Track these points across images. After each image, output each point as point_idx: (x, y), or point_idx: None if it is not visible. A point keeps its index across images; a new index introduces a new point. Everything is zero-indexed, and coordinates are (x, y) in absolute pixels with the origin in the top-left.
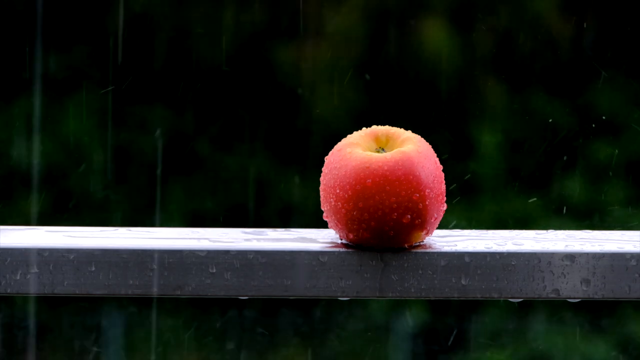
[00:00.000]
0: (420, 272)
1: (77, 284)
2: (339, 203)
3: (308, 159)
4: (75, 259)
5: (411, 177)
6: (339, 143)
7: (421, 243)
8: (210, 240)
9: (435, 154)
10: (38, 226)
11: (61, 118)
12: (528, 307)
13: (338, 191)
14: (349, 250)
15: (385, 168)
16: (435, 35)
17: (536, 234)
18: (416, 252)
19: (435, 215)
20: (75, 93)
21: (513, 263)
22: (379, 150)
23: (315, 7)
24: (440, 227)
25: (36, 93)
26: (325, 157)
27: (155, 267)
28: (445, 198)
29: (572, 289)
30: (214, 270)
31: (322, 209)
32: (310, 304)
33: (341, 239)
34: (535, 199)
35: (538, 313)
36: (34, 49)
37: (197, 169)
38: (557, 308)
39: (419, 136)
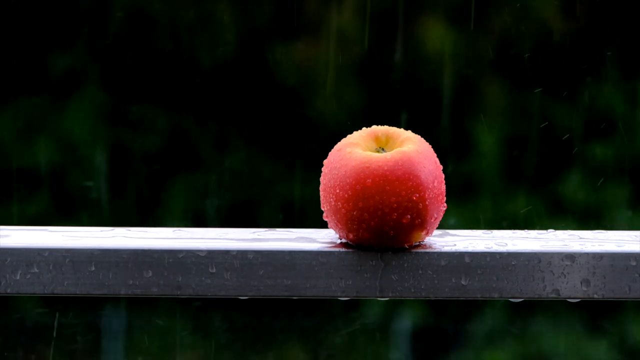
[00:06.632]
0: (420, 272)
1: (77, 284)
2: (339, 203)
3: (308, 158)
4: (75, 259)
5: (411, 177)
6: (339, 143)
7: (421, 243)
8: (210, 240)
9: (435, 154)
10: (38, 226)
11: (61, 117)
12: (528, 307)
13: (338, 191)
14: (349, 250)
15: (385, 168)
16: (435, 34)
17: (536, 234)
18: (416, 252)
19: (435, 215)
20: (76, 92)
21: (513, 263)
22: (378, 150)
23: (315, 6)
24: (440, 227)
25: (36, 92)
26: (325, 158)
27: (155, 267)
28: (445, 198)
29: (572, 289)
30: (214, 270)
31: (322, 209)
32: (309, 304)
33: (341, 239)
34: (535, 199)
35: (538, 313)
36: (34, 49)
37: (197, 168)
38: (557, 308)
39: (419, 136)
